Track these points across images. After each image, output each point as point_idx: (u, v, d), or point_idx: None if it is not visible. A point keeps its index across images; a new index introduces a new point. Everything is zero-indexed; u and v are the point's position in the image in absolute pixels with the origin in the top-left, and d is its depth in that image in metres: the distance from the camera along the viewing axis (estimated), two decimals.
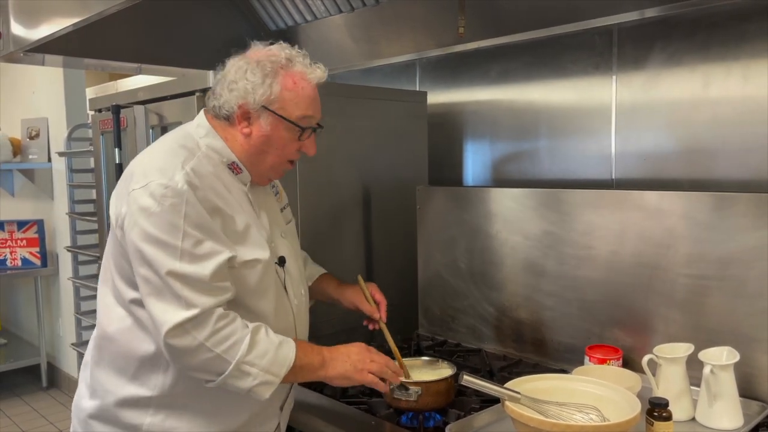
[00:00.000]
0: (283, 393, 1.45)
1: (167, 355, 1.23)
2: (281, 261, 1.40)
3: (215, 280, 1.22)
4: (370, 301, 1.62)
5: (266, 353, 1.24)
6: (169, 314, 1.19)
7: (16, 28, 2.38)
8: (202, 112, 1.41)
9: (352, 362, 1.37)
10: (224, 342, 1.21)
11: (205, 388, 1.27)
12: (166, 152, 1.30)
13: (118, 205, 1.28)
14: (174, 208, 1.20)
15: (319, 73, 1.38)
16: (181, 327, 1.18)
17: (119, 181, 1.33)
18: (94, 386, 1.38)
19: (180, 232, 1.20)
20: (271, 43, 1.39)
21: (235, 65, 1.35)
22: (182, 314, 1.18)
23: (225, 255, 1.24)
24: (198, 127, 1.37)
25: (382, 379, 1.42)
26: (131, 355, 1.31)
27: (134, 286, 1.26)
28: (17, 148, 4.60)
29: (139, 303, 1.27)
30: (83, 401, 1.40)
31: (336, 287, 1.68)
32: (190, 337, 1.19)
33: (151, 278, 1.21)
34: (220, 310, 1.22)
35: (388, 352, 1.59)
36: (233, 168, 1.35)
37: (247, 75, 1.32)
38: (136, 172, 1.27)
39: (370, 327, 1.66)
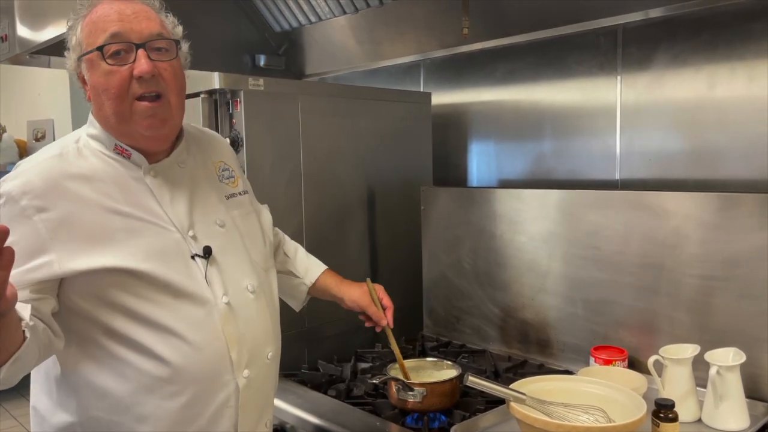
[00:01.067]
0: (230, 413, 1.21)
1: None
2: (205, 251, 1.20)
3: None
4: (377, 304, 1.53)
5: None
6: None
7: (22, 31, 2.39)
8: None
9: None
10: None
11: (127, 411, 1.14)
12: (34, 155, 1.20)
13: None
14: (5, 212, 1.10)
15: None
16: None
17: None
18: (33, 413, 1.25)
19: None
20: None
21: None
22: None
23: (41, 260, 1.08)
24: (88, 120, 1.25)
25: None
26: (49, 374, 1.18)
27: None
28: (23, 150, 4.62)
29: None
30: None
31: (338, 285, 1.57)
32: None
33: None
34: None
35: (387, 354, 1.59)
36: (121, 152, 1.19)
37: (66, 44, 1.21)
38: None
39: (367, 324, 1.58)
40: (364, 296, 1.55)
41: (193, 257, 1.20)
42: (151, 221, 1.18)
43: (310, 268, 1.60)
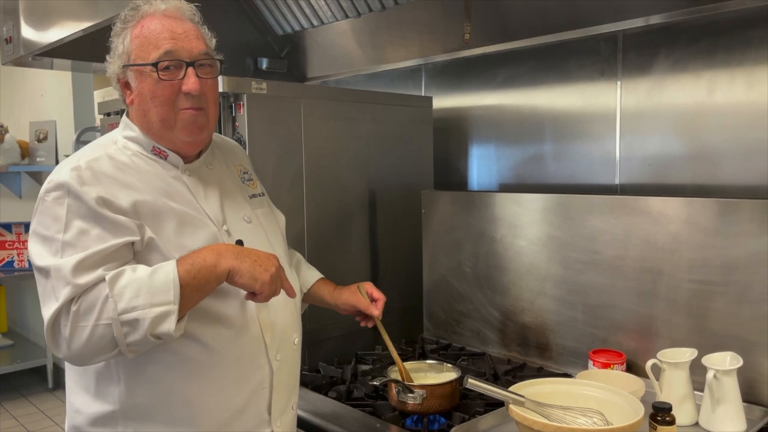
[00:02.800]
0: (265, 393, 1.31)
1: (65, 359, 1.16)
2: (239, 244, 1.28)
3: (81, 269, 1.11)
4: (365, 297, 1.57)
5: (139, 290, 1.10)
6: (47, 312, 1.12)
7: (27, 32, 2.40)
8: None
9: (264, 265, 1.19)
10: (91, 312, 1.10)
11: (170, 395, 1.21)
12: (75, 154, 1.26)
13: None
14: (57, 201, 1.16)
15: (159, 4, 1.27)
16: (54, 322, 1.11)
17: None
18: (67, 409, 1.32)
19: (61, 226, 1.14)
20: None
21: None
22: (53, 308, 1.11)
23: (111, 242, 1.14)
24: (121, 123, 1.33)
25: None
26: (88, 370, 1.24)
27: None
28: (25, 151, 4.64)
29: None
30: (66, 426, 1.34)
31: (332, 292, 1.62)
32: (60, 328, 1.11)
33: (38, 277, 1.17)
34: (77, 291, 1.11)
35: (386, 356, 1.60)
36: (158, 153, 1.29)
37: (111, 50, 1.29)
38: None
39: (362, 323, 1.62)
40: (353, 295, 1.60)
41: None
42: (195, 215, 1.27)
43: (306, 276, 1.64)
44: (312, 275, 1.65)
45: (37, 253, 1.17)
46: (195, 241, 1.23)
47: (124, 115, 1.34)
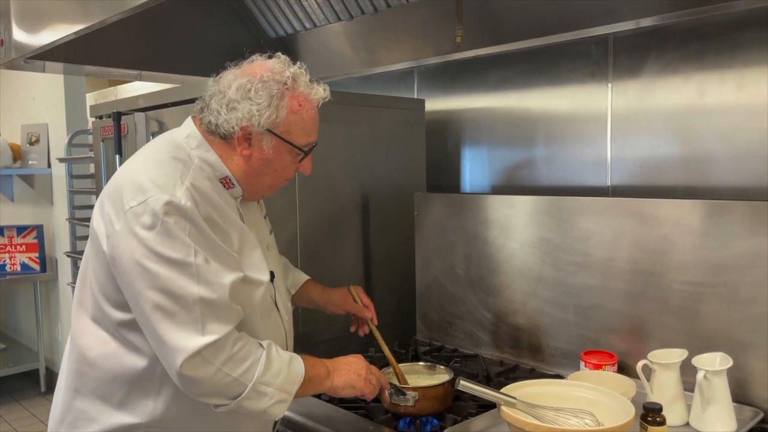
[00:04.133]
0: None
1: (181, 384, 1.16)
2: (271, 276, 1.35)
3: (232, 302, 1.18)
4: (359, 302, 1.61)
5: (280, 371, 1.22)
6: (184, 341, 1.12)
7: (18, 35, 2.40)
8: (190, 119, 1.33)
9: (355, 370, 1.37)
10: (241, 365, 1.16)
11: (197, 411, 1.24)
12: (159, 164, 1.23)
13: (108, 221, 1.19)
14: (178, 226, 1.14)
15: (321, 93, 1.33)
16: (200, 355, 1.12)
17: (104, 194, 1.25)
18: (69, 416, 1.30)
19: (191, 250, 1.15)
20: (270, 56, 1.34)
21: (236, 82, 1.26)
22: (200, 341, 1.12)
23: (236, 275, 1.20)
24: (188, 138, 1.29)
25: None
26: (118, 381, 1.24)
27: (123, 308, 1.21)
28: (17, 154, 4.62)
29: (129, 326, 1.21)
30: None
31: (321, 293, 1.65)
32: (208, 364, 1.13)
33: (162, 302, 1.13)
34: (235, 333, 1.18)
35: (380, 359, 1.60)
36: (225, 182, 1.30)
37: (251, 95, 1.23)
38: (127, 186, 1.19)
39: (361, 332, 1.65)
40: (343, 297, 1.63)
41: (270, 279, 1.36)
42: (251, 242, 1.31)
43: (294, 278, 1.66)
44: (300, 276, 1.68)
45: (164, 276, 1.14)
46: (266, 271, 1.32)
47: (191, 127, 1.31)
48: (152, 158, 1.26)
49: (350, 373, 1.36)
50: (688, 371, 1.47)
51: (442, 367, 1.71)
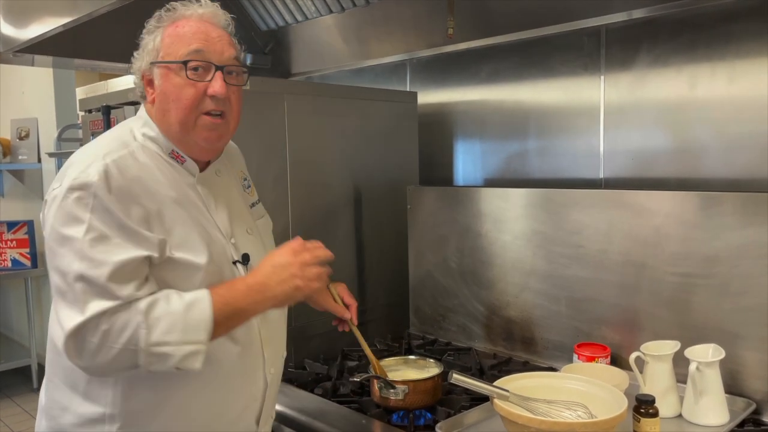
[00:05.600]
0: (256, 406, 1.33)
1: (75, 365, 1.12)
2: (244, 259, 1.29)
3: (114, 281, 1.09)
4: (338, 301, 1.56)
5: (173, 326, 1.10)
6: (67, 320, 1.09)
7: (6, 29, 2.37)
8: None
9: (287, 273, 1.20)
10: (121, 335, 1.08)
11: (165, 403, 1.20)
12: (96, 146, 1.22)
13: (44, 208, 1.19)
14: (81, 201, 1.11)
15: (197, 8, 1.26)
16: (79, 334, 1.08)
17: None
18: (48, 406, 1.28)
19: (83, 227, 1.10)
20: None
21: None
22: (78, 319, 1.07)
23: (137, 253, 1.12)
24: (137, 119, 1.29)
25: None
26: (75, 368, 1.18)
27: None
28: (7, 149, 4.59)
29: None
30: (39, 426, 1.30)
31: None
32: (87, 342, 1.08)
33: (57, 281, 1.13)
34: (118, 305, 1.09)
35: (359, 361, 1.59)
36: (176, 157, 1.25)
37: (140, 46, 1.27)
38: (62, 171, 1.20)
39: (340, 329, 1.60)
40: (323, 296, 1.56)
41: (234, 263, 1.28)
42: (207, 227, 1.25)
43: None
44: None
45: (59, 253, 1.12)
46: (205, 255, 1.21)
47: (143, 110, 1.30)
48: (96, 142, 1.25)
49: (284, 284, 1.20)
50: (680, 363, 1.48)
51: (431, 360, 1.71)
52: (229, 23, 1.31)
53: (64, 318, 1.10)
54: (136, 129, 1.27)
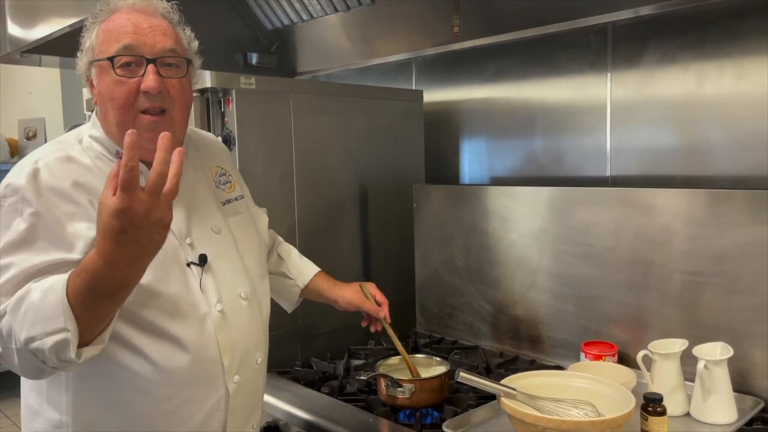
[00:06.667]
0: (220, 416, 1.24)
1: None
2: (201, 259, 1.22)
3: (4, 290, 1.04)
4: (371, 300, 1.57)
5: (34, 318, 0.98)
6: None
7: (13, 29, 2.39)
8: None
9: (136, 236, 0.93)
10: (9, 337, 1.01)
11: (120, 411, 1.15)
12: (35, 152, 1.18)
13: None
14: (12, 207, 1.09)
15: (129, 0, 1.18)
16: None
17: None
18: (24, 411, 1.25)
19: (5, 232, 1.08)
20: None
21: None
22: None
23: (48, 257, 1.06)
24: (90, 120, 1.25)
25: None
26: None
27: None
28: (14, 149, 4.61)
29: None
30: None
31: (331, 287, 1.60)
32: None
33: None
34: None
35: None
36: (121, 157, 1.18)
37: (80, 44, 1.21)
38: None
39: (372, 329, 1.62)
40: (356, 295, 1.58)
41: (188, 265, 1.21)
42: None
43: (303, 270, 1.62)
44: (309, 269, 1.62)
45: None
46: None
47: (94, 112, 1.25)
48: (37, 150, 1.21)
49: (127, 243, 0.94)
50: (688, 361, 1.47)
51: (438, 359, 1.71)
52: (169, 11, 1.23)
53: None
54: (85, 131, 1.24)
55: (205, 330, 1.20)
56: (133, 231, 0.92)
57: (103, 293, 0.98)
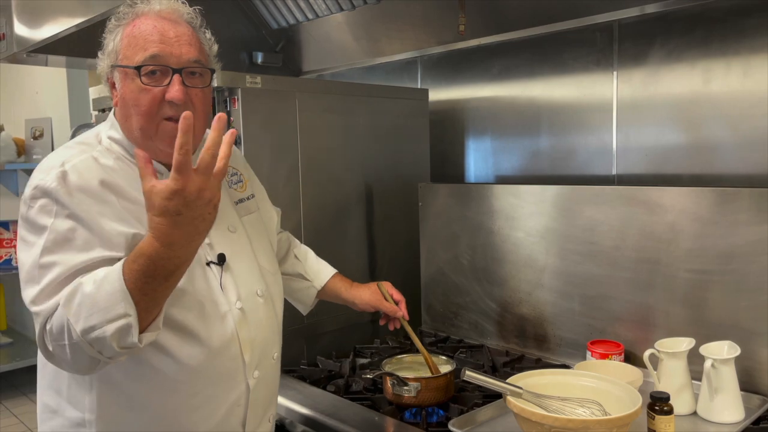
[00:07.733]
0: (240, 411, 1.27)
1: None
2: (220, 259, 1.24)
3: (50, 288, 1.07)
4: (390, 300, 1.60)
5: (92, 308, 1.01)
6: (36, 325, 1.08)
7: (20, 29, 2.39)
8: None
9: (190, 216, 0.99)
10: (62, 333, 1.04)
11: (143, 409, 1.17)
12: (57, 154, 1.19)
13: None
14: (44, 209, 1.10)
15: (155, 4, 1.19)
16: (41, 336, 1.08)
17: None
18: (41, 410, 1.27)
19: (44, 233, 1.09)
20: None
21: None
22: (37, 326, 1.07)
23: (89, 255, 1.08)
24: (107, 121, 1.26)
25: None
26: (60, 373, 1.19)
27: None
28: (21, 149, 4.62)
29: None
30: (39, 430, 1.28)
31: (348, 289, 1.62)
32: (47, 343, 1.08)
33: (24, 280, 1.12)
34: (49, 306, 1.07)
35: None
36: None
37: (102, 45, 1.21)
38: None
39: (391, 326, 1.63)
40: (374, 295, 1.60)
41: (208, 264, 1.23)
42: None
43: (320, 271, 1.64)
44: (326, 271, 1.65)
45: (22, 258, 1.12)
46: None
47: (112, 113, 1.27)
48: (58, 150, 1.23)
49: (183, 222, 0.99)
50: (695, 360, 1.46)
51: (444, 357, 1.71)
52: (193, 17, 1.24)
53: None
54: (104, 132, 1.25)
55: (227, 327, 1.22)
56: (187, 211, 0.98)
57: (161, 276, 1.01)
